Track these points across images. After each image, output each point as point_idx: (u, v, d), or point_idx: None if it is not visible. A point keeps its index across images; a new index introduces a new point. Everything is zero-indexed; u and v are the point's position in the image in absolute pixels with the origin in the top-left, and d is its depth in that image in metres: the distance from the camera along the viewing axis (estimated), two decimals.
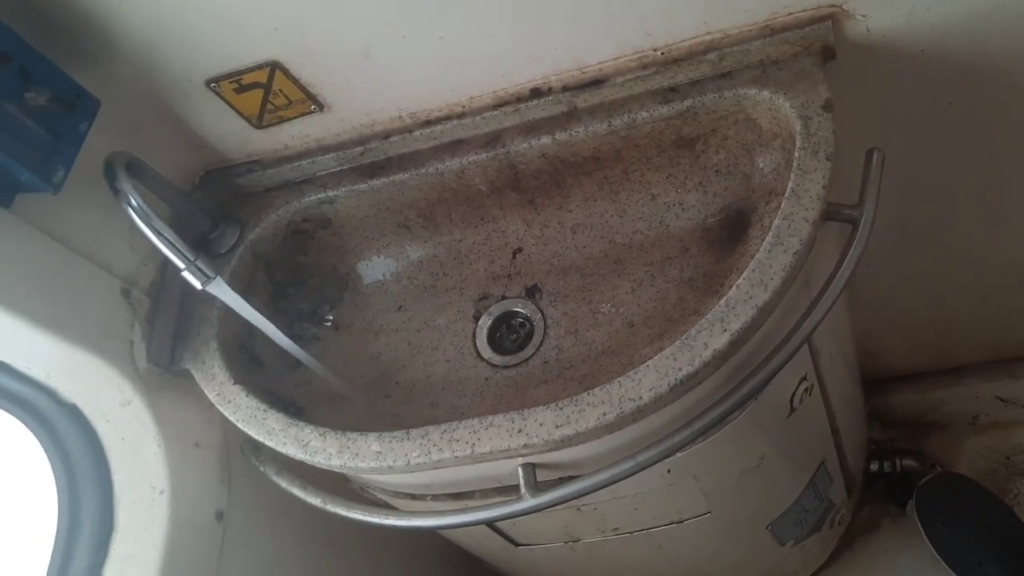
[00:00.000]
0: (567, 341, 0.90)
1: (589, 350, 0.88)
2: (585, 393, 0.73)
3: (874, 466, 1.37)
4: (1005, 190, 1.04)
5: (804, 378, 0.90)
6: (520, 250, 0.96)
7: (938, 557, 1.29)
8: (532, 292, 0.94)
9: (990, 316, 1.29)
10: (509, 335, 0.93)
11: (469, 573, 1.48)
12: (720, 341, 0.70)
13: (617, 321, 0.89)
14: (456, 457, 0.75)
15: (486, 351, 0.92)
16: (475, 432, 0.75)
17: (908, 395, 1.46)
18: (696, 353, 0.71)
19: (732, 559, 1.14)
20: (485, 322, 0.94)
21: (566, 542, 1.02)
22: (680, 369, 0.71)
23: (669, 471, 0.85)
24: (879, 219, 0.76)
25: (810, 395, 0.93)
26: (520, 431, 0.73)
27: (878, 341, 1.37)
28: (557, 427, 0.72)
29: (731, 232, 0.87)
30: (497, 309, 0.94)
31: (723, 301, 0.72)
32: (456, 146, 0.90)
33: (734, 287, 0.72)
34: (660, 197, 0.91)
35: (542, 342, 0.91)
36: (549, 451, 0.75)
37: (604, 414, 0.71)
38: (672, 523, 0.98)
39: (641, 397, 0.71)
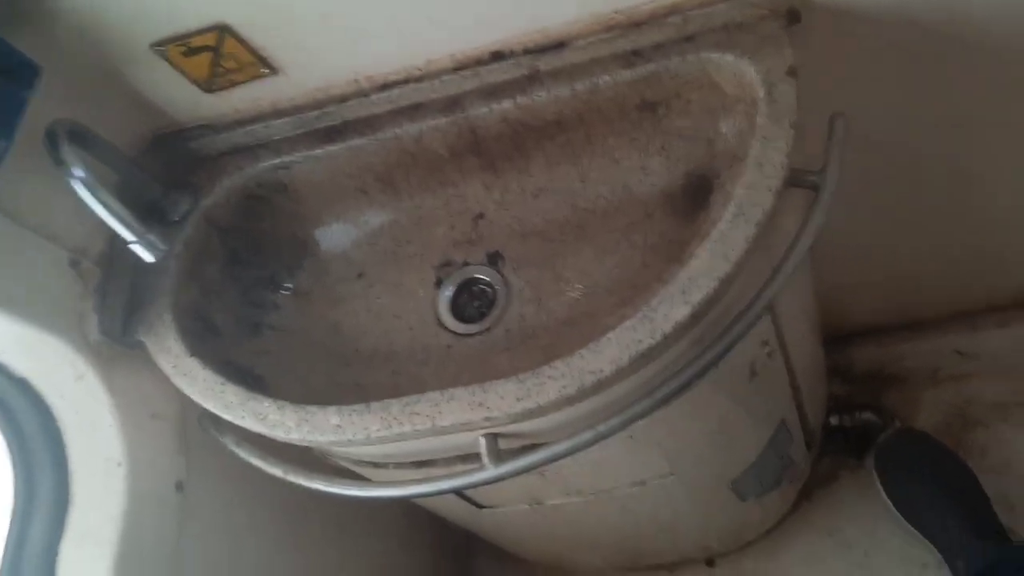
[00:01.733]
0: (529, 309, 0.89)
1: (552, 319, 0.88)
2: (547, 366, 0.72)
3: (834, 420, 1.39)
4: (971, 151, 1.04)
5: (766, 343, 0.91)
6: (482, 215, 0.94)
7: (896, 512, 1.32)
8: (494, 258, 0.92)
9: (952, 272, 1.31)
10: (471, 302, 0.92)
11: (435, 532, 1.49)
12: (681, 313, 0.70)
13: (580, 289, 0.88)
14: (417, 430, 0.74)
15: (448, 319, 0.91)
16: (436, 405, 0.74)
17: (869, 349, 1.48)
18: (657, 325, 0.70)
19: (695, 516, 1.15)
20: (447, 289, 0.93)
21: (529, 504, 1.02)
22: (641, 341, 0.70)
23: (631, 437, 0.86)
24: (843, 180, 0.76)
25: (771, 359, 0.94)
26: (481, 404, 0.73)
27: (840, 297, 1.37)
28: (518, 400, 0.72)
29: (694, 198, 0.86)
30: (459, 276, 0.93)
31: (684, 272, 0.71)
32: (414, 110, 0.88)
33: (695, 258, 0.72)
34: (623, 161, 0.89)
35: (504, 310, 0.90)
36: (511, 423, 0.75)
37: (564, 387, 0.71)
38: (635, 485, 0.98)
39: (602, 370, 0.70)
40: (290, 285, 0.96)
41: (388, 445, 0.81)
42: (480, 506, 1.05)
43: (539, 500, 1.01)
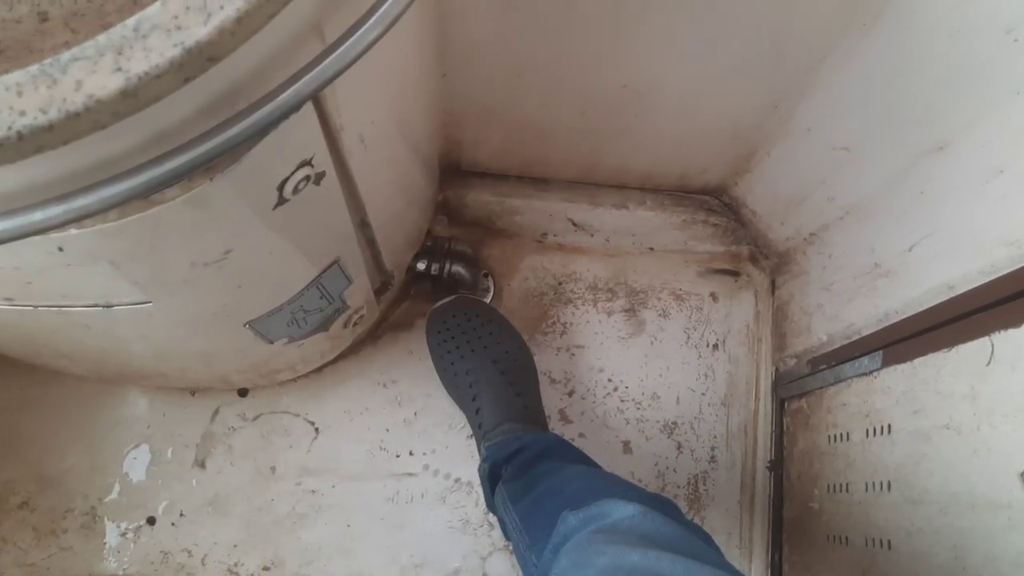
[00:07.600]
0: None
1: None
2: None
3: (421, 265, 1.21)
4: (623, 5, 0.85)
5: (308, 163, 0.66)
6: None
7: (440, 382, 1.19)
8: None
9: (587, 133, 1.15)
10: None
11: None
12: (105, 85, 0.42)
13: (25, 5, 0.55)
14: None
15: None
16: None
17: (485, 195, 1.30)
18: (59, 94, 0.42)
19: (199, 346, 0.91)
20: None
21: None
22: (24, 114, 0.41)
23: (61, 249, 0.58)
24: None
25: (317, 184, 0.69)
26: None
27: (464, 130, 1.16)
28: None
29: None
30: None
31: (132, 21, 0.43)
32: None
33: (158, 2, 0.43)
34: None
35: None
36: None
37: None
38: (97, 306, 0.71)
39: None
40: None
41: None
42: None
43: None
